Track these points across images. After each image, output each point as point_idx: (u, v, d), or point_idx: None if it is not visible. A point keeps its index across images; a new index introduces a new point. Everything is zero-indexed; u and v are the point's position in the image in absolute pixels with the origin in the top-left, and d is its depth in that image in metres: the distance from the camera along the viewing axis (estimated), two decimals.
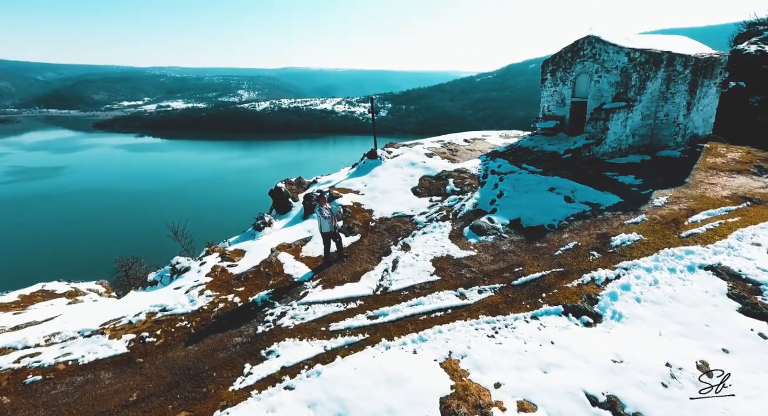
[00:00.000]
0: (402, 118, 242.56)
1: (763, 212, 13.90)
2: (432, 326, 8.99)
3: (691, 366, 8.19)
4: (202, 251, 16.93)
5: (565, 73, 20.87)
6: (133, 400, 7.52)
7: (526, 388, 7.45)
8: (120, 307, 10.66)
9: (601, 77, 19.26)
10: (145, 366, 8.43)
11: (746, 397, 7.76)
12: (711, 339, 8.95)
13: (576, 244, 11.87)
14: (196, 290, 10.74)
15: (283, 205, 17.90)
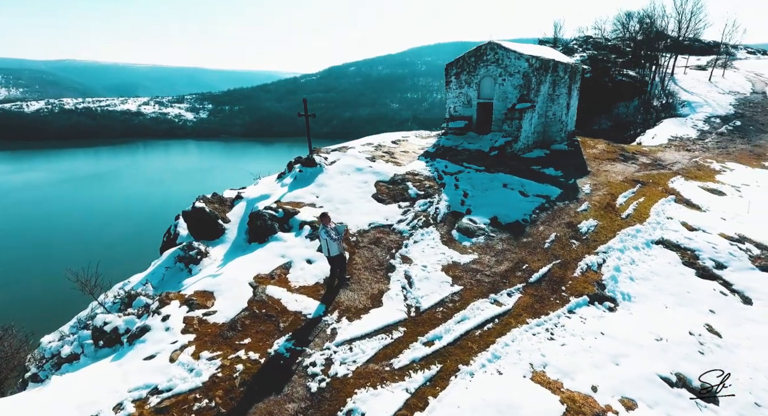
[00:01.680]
0: (226, 119, 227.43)
1: (653, 191, 17.21)
2: (493, 340, 8.61)
3: (704, 331, 9.58)
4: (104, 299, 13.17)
5: (470, 76, 22.45)
6: None
7: (616, 385, 7.72)
8: (58, 405, 7.20)
9: (505, 80, 21.31)
10: None
11: (747, 348, 9.43)
12: (698, 303, 10.63)
13: (556, 235, 12.88)
14: (185, 355, 8.02)
15: (209, 229, 14.88)
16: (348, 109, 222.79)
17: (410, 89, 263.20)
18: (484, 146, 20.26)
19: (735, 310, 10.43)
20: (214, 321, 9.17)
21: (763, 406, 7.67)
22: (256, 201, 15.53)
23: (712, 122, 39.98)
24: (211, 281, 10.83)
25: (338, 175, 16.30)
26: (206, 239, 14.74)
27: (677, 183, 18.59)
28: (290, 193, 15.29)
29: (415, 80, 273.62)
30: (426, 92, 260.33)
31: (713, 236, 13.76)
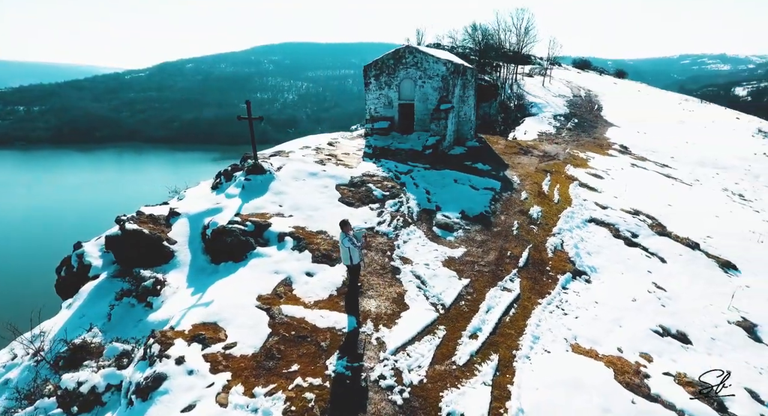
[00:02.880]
0: (24, 123, 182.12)
1: (560, 178, 20.29)
2: (524, 323, 9.45)
3: (654, 288, 11.93)
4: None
5: (390, 78, 23.17)
6: None
7: (629, 344, 9.30)
8: None
9: (425, 83, 22.56)
10: None
11: (685, 295, 11.93)
12: (638, 267, 13.12)
13: (518, 222, 14.38)
14: (235, 395, 6.77)
15: (153, 254, 12.61)
16: (189, 110, 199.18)
17: (260, 89, 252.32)
18: (416, 146, 21.23)
19: (660, 268, 13.17)
20: (241, 354, 8.02)
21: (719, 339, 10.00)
22: (203, 216, 13.74)
23: (559, 119, 48.32)
24: (206, 311, 9.35)
25: (293, 181, 15.37)
26: (149, 266, 12.53)
27: (571, 171, 22.24)
28: (247, 204, 13.89)
29: (264, 80, 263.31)
30: (277, 92, 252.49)
31: (618, 211, 16.98)
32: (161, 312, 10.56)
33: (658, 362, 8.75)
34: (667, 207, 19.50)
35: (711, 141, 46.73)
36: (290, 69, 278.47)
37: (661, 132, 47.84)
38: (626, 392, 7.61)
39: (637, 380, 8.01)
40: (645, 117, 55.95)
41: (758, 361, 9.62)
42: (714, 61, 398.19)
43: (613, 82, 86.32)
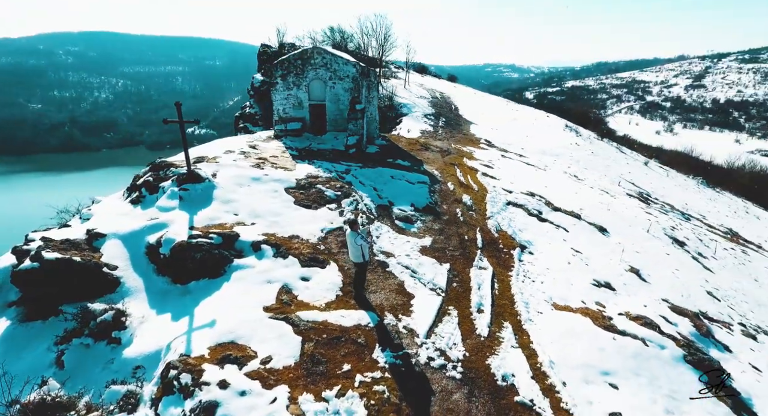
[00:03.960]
0: None
1: (465, 169, 23.05)
2: (510, 293, 11.02)
3: (575, 252, 14.75)
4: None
5: (298, 78, 22.86)
6: None
7: (586, 296, 11.68)
8: None
9: (335, 84, 22.90)
10: None
11: (593, 254, 15.04)
12: (556, 238, 15.98)
13: (459, 210, 16.06)
14: (307, 403, 6.41)
15: (89, 284, 10.53)
16: None
17: (57, 86, 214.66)
18: (337, 146, 21.51)
19: (568, 236, 16.32)
20: (283, 366, 7.65)
21: (627, 283, 13.06)
22: (141, 235, 12.01)
23: (430, 118, 53.18)
24: (216, 332, 8.49)
25: (238, 187, 14.34)
26: (80, 300, 10.57)
27: (470, 163, 25.24)
28: (196, 216, 12.56)
29: (63, 75, 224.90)
30: (83, 90, 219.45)
31: (519, 194, 20.16)
32: (138, 346, 9.12)
33: (608, 306, 11.20)
34: (545, 188, 23.78)
35: (541, 134, 56.96)
36: (98, 63, 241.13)
37: (506, 128, 56.53)
38: (606, 332, 9.68)
39: (607, 322, 10.21)
40: (489, 116, 65.20)
41: (655, 295, 12.95)
42: (507, 70, 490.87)
43: (452, 86, 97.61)
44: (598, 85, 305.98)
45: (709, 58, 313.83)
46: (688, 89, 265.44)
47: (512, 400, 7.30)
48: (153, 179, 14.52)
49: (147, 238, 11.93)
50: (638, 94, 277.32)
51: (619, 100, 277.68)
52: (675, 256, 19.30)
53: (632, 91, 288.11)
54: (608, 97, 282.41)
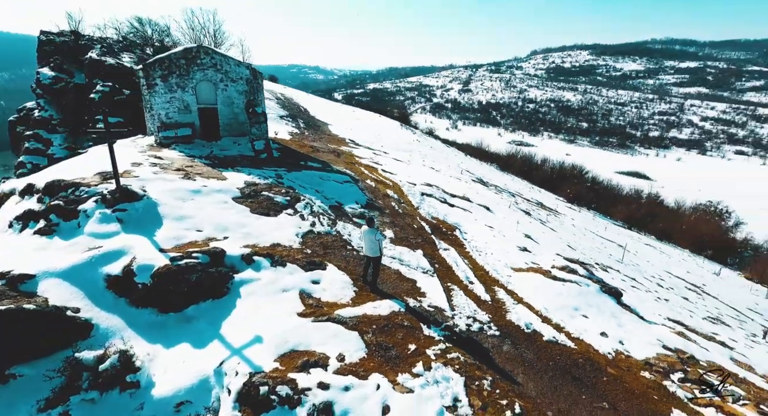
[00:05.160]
0: None
1: (367, 168, 24.80)
2: (480, 265, 13.27)
3: (490, 228, 18.07)
4: None
5: (183, 80, 20.84)
6: None
7: (522, 259, 14.70)
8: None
9: (228, 86, 21.69)
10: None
11: (499, 226, 18.77)
12: (470, 219, 19.17)
13: (394, 204, 17.70)
14: (408, 382, 7.04)
15: (52, 335, 8.55)
16: None
17: None
18: (244, 151, 20.54)
19: (475, 216, 19.74)
20: (359, 358, 8.16)
21: (535, 246, 16.90)
22: (91, 267, 10.21)
23: (288, 120, 52.72)
24: (270, 347, 8.26)
25: (181, 202, 12.96)
26: (44, 355, 8.78)
27: (363, 161, 27.04)
28: (156, 237, 11.15)
29: None
30: None
31: (421, 185, 22.98)
32: (167, 384, 8.14)
33: (540, 262, 14.56)
34: (431, 179, 27.37)
35: (387, 133, 62.78)
36: None
37: (358, 128, 60.35)
38: (554, 282, 12.80)
39: (550, 275, 13.42)
40: (337, 117, 68.35)
41: (551, 251, 17.11)
42: (312, 72, 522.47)
43: (283, 87, 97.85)
44: (394, 88, 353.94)
45: (470, 68, 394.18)
46: (461, 93, 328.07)
47: (542, 340, 9.51)
48: (64, 203, 12.03)
49: (102, 270, 10.17)
50: (427, 97, 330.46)
51: (413, 101, 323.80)
52: (533, 223, 24.98)
53: (422, 93, 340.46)
54: (405, 99, 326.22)
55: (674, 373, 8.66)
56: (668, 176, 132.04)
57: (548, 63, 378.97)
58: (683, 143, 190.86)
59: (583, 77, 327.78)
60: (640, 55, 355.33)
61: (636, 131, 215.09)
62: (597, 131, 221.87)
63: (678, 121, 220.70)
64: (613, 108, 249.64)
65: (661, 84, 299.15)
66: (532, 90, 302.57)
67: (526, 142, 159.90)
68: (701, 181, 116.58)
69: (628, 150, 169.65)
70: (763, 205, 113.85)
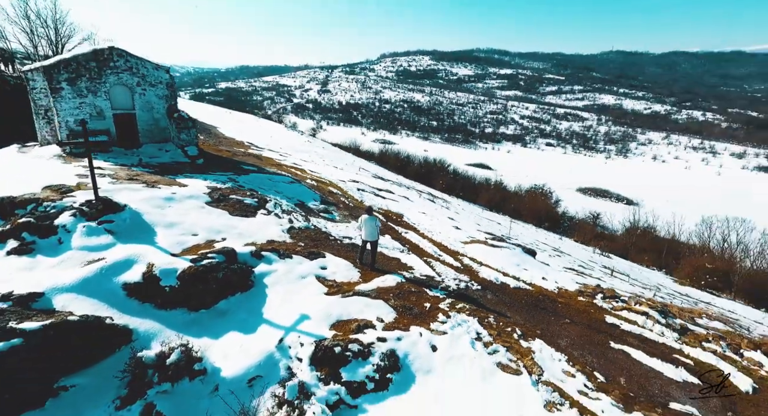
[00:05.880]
0: None
1: (297, 169, 26.15)
2: (439, 242, 16.15)
3: (424, 214, 21.45)
4: None
5: (94, 84, 19.36)
6: None
7: (461, 235, 18.13)
8: None
9: (146, 90, 20.72)
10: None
11: (417, 210, 22.31)
12: (406, 206, 22.17)
13: (344, 199, 19.56)
14: (446, 324, 9.29)
15: (99, 343, 8.57)
16: None
17: None
18: (177, 157, 19.97)
19: (405, 205, 22.75)
20: (393, 318, 10.20)
21: (464, 226, 20.63)
22: (104, 278, 10.22)
23: None
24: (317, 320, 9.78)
25: (160, 210, 12.96)
26: (87, 366, 9.03)
27: (286, 162, 27.93)
28: (160, 243, 11.37)
29: None
30: None
31: (349, 182, 25.12)
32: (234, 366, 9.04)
33: (474, 236, 18.07)
34: (350, 176, 29.65)
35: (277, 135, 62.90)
36: None
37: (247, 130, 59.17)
38: (495, 249, 16.31)
39: (489, 245, 16.93)
40: (219, 119, 65.75)
41: (474, 228, 21.00)
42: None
43: None
44: (249, 87, 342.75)
45: (326, 69, 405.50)
46: (320, 93, 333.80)
47: (510, 288, 12.70)
48: (36, 220, 11.32)
49: (117, 279, 10.26)
50: (286, 97, 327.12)
51: (273, 101, 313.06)
52: (441, 209, 29.16)
53: (280, 93, 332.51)
54: (263, 99, 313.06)
55: (596, 296, 12.68)
56: (503, 165, 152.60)
57: (397, 66, 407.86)
58: (510, 137, 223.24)
59: (427, 80, 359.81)
60: (470, 62, 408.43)
61: (475, 128, 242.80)
62: (445, 128, 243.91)
63: (505, 119, 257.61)
64: (455, 108, 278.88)
65: (489, 88, 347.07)
66: (386, 91, 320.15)
67: (388, 140, 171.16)
68: (526, 168, 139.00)
69: (471, 145, 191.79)
70: (568, 185, 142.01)
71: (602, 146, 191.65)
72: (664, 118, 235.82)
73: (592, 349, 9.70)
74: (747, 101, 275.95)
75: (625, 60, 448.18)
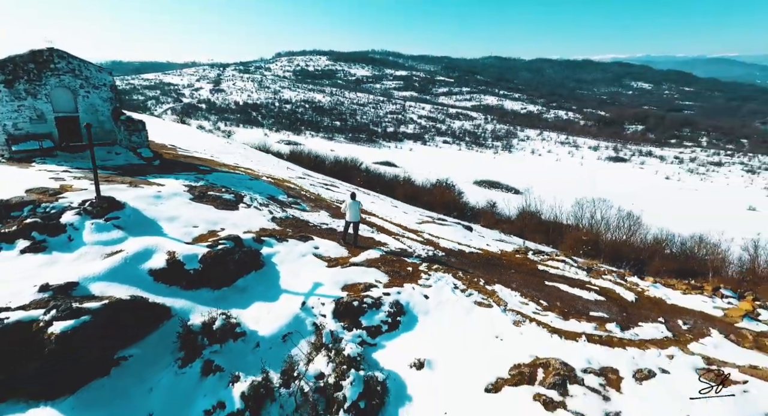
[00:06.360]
0: None
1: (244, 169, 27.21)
2: (399, 224, 18.99)
3: (394, 207, 24.27)
4: None
5: (34, 86, 18.69)
6: None
7: (412, 217, 21.28)
8: None
9: (90, 92, 20.38)
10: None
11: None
12: (372, 201, 24.71)
13: (304, 192, 21.43)
14: (428, 278, 12.12)
15: (146, 320, 9.71)
16: None
17: None
18: (131, 159, 20.00)
19: (377, 200, 25.24)
20: (388, 280, 12.74)
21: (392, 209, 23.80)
22: (130, 266, 11.31)
23: None
24: (329, 285, 11.93)
25: (154, 206, 13.79)
26: (135, 341, 10.36)
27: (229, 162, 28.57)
28: (170, 234, 12.51)
29: None
30: None
31: (299, 179, 26.83)
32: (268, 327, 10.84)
33: (423, 218, 21.19)
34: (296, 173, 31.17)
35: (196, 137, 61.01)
36: None
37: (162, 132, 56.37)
38: (444, 226, 19.58)
39: (435, 221, 20.14)
40: None
41: (411, 210, 24.20)
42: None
43: None
44: (127, 85, 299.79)
45: (217, 67, 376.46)
46: (213, 93, 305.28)
47: (467, 252, 15.90)
48: (42, 220, 11.80)
49: (142, 267, 11.37)
50: (174, 96, 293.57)
51: (158, 101, 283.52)
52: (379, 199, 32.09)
53: (167, 92, 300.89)
54: (146, 98, 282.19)
55: (528, 253, 16.51)
56: (408, 162, 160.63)
57: (294, 66, 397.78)
58: (411, 136, 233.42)
59: (326, 80, 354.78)
60: (366, 63, 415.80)
61: (377, 127, 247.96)
62: (349, 128, 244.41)
63: (404, 119, 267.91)
64: (356, 108, 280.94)
65: (386, 88, 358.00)
66: (285, 91, 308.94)
67: (294, 141, 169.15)
68: (428, 164, 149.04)
69: (375, 144, 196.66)
70: (466, 178, 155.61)
71: (490, 143, 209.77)
72: (537, 117, 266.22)
73: (533, 287, 13.23)
74: (597, 103, 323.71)
75: (502, 65, 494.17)
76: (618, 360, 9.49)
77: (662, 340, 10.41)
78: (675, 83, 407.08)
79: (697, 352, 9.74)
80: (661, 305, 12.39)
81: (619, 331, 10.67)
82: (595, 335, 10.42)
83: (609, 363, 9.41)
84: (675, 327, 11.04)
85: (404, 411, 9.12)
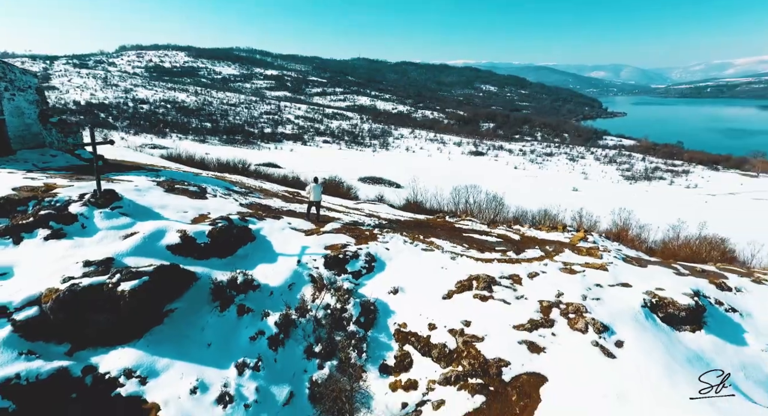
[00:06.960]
0: None
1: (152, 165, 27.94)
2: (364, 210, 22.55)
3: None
4: None
5: None
6: None
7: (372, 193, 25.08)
8: None
9: (15, 95, 19.60)
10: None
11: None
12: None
13: (252, 186, 23.53)
14: (388, 243, 16.05)
15: (180, 282, 11.72)
16: None
17: None
18: (72, 161, 19.81)
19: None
20: (360, 241, 16.35)
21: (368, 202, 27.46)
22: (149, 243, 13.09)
23: None
24: (315, 247, 15.13)
25: (141, 197, 15.15)
26: (172, 300, 12.53)
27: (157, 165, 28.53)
28: (172, 217, 14.29)
29: None
30: None
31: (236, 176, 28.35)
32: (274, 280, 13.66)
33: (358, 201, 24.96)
34: None
35: None
36: None
37: None
38: (374, 204, 23.62)
39: (371, 203, 24.06)
40: None
41: None
42: None
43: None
44: None
45: (42, 60, 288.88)
46: (45, 91, 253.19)
47: (402, 220, 20.24)
48: (55, 211, 12.79)
49: (159, 243, 13.24)
50: None
51: None
52: None
53: None
54: None
55: (446, 217, 21.53)
56: (291, 163, 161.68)
57: (146, 61, 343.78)
58: (290, 136, 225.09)
59: (188, 78, 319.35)
60: (232, 61, 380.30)
61: (253, 128, 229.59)
62: (222, 130, 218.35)
63: (281, 119, 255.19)
64: (228, 109, 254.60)
65: (257, 88, 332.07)
66: (139, 90, 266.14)
67: (160, 144, 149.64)
68: (312, 164, 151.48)
69: (253, 146, 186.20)
70: (351, 176, 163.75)
71: (368, 141, 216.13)
72: (407, 116, 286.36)
73: (455, 237, 18.09)
74: (456, 103, 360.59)
75: (370, 66, 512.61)
76: (517, 269, 14.55)
77: (540, 257, 15.95)
78: (514, 86, 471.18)
79: (558, 260, 15.39)
80: (535, 240, 18.25)
81: (515, 255, 15.95)
82: (503, 259, 15.52)
83: (513, 271, 14.40)
84: (545, 249, 16.78)
85: (391, 320, 12.97)
